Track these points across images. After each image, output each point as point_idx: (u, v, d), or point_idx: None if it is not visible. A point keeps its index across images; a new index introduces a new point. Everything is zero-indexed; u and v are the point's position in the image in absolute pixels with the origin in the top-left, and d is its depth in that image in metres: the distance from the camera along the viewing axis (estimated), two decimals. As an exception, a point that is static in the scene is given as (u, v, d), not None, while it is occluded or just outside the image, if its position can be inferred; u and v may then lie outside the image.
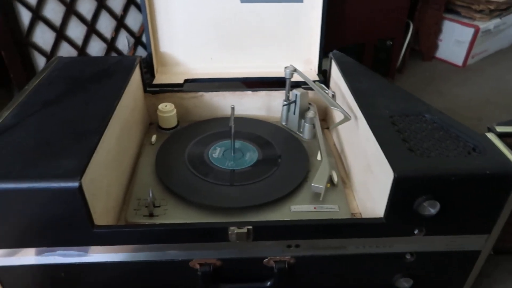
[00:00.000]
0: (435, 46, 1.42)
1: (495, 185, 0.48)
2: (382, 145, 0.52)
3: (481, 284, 0.65)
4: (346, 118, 0.64)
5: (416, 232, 0.52)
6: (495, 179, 0.48)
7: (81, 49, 1.12)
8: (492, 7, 1.33)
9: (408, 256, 0.55)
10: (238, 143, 0.72)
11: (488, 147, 0.52)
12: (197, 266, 0.53)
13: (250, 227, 0.49)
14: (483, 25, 1.32)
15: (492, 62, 1.41)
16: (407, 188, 0.48)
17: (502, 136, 0.54)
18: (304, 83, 0.79)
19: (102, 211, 0.54)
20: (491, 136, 0.54)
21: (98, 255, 0.52)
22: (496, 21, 1.36)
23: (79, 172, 0.46)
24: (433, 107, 0.61)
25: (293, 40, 0.87)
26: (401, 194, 0.48)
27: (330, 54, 0.79)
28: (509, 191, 0.49)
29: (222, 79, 0.85)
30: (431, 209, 0.48)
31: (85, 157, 0.49)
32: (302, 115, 0.77)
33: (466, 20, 1.35)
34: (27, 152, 0.49)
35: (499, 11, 1.37)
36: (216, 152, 0.70)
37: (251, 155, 0.70)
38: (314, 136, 0.77)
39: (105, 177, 0.56)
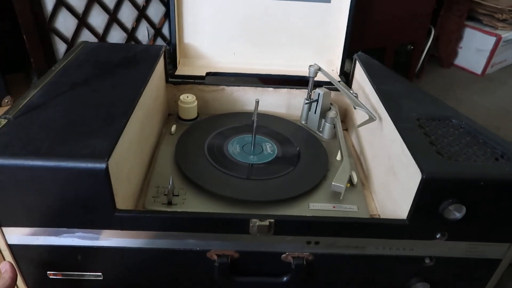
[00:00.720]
0: (454, 53, 1.41)
1: (523, 193, 0.48)
2: (409, 147, 0.51)
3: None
4: (371, 119, 0.63)
5: (438, 236, 0.51)
6: (524, 187, 0.47)
7: (102, 37, 1.12)
8: (515, 18, 1.32)
9: (427, 260, 0.54)
10: (257, 138, 0.72)
11: (516, 154, 0.51)
12: (215, 257, 0.53)
13: (272, 220, 0.49)
14: (505, 34, 1.31)
15: (512, 73, 1.40)
16: (434, 190, 0.47)
17: (530, 144, 0.54)
18: (326, 83, 0.78)
19: (123, 196, 0.54)
20: (519, 144, 0.53)
21: (117, 239, 0.52)
22: (519, 32, 1.35)
23: (106, 153, 0.46)
24: (460, 113, 0.60)
25: (317, 40, 0.87)
26: (427, 196, 0.48)
27: (355, 56, 0.79)
28: (537, 200, 0.48)
29: (244, 74, 0.85)
30: (456, 213, 0.48)
31: (113, 139, 0.49)
32: (323, 114, 0.76)
33: (487, 29, 1.33)
34: (55, 130, 0.49)
35: (522, 22, 1.36)
36: (235, 146, 0.70)
37: (271, 151, 0.70)
38: (333, 136, 0.77)
39: (127, 162, 0.56)
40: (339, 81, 0.74)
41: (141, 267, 0.56)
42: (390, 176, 0.58)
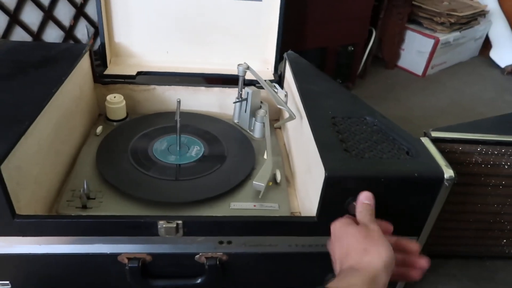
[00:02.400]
0: (397, 55, 1.45)
1: (424, 188, 0.49)
2: (319, 144, 0.52)
3: (415, 285, 0.66)
4: (291, 117, 0.64)
5: (348, 232, 0.52)
6: (423, 182, 0.49)
7: (37, 35, 1.08)
8: (452, 20, 1.37)
9: (341, 256, 0.55)
10: (185, 138, 0.71)
11: (421, 151, 0.53)
12: (126, 261, 0.52)
13: (180, 221, 0.48)
14: (443, 37, 1.37)
15: (451, 73, 1.45)
16: (338, 187, 0.48)
17: (436, 141, 0.56)
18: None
19: (29, 201, 0.52)
20: (425, 140, 0.55)
21: (21, 246, 0.50)
22: (456, 34, 1.40)
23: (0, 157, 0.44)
24: (377, 111, 0.61)
25: (251, 39, 0.87)
26: (332, 193, 0.48)
27: (285, 55, 0.79)
28: (436, 195, 0.50)
29: (176, 73, 0.84)
30: (360, 209, 0.48)
31: (9, 143, 0.46)
32: (254, 113, 0.76)
33: (427, 32, 1.38)
34: None
35: (459, 25, 1.42)
36: (161, 146, 0.69)
37: (197, 151, 0.69)
38: (264, 134, 0.77)
39: (36, 165, 0.54)
40: (269, 80, 0.74)
41: (50, 274, 0.54)
42: (307, 174, 0.59)
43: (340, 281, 0.38)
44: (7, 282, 0.54)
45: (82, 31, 1.14)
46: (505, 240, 0.70)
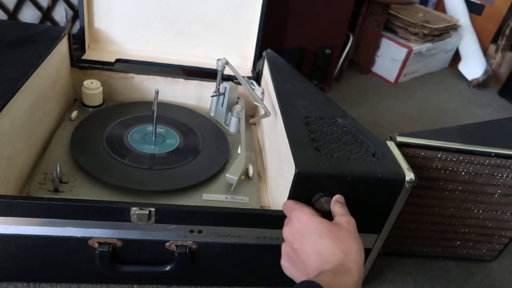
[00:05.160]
0: (372, 61, 1.50)
1: (386, 189, 0.53)
2: (291, 142, 0.54)
3: (373, 281, 0.69)
4: (266, 114, 0.66)
5: (313, 227, 0.54)
6: (386, 183, 0.52)
7: (12, 15, 1.05)
8: (426, 32, 1.43)
9: (305, 250, 0.58)
10: (161, 129, 0.72)
11: (386, 154, 0.56)
12: (96, 245, 0.52)
13: (153, 209, 0.49)
14: (416, 47, 1.42)
15: (421, 82, 1.52)
16: (306, 183, 0.50)
17: (401, 145, 0.59)
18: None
19: (0, 181, 0.51)
20: (390, 144, 0.58)
21: (-11, 226, 0.50)
22: (428, 45, 1.46)
23: (-29, 135, 0.43)
24: (348, 114, 0.64)
25: (232, 34, 0.88)
26: (301, 188, 0.51)
27: (264, 53, 0.81)
28: (397, 195, 0.53)
29: (156, 63, 0.84)
30: (326, 205, 0.51)
31: (-17, 121, 0.46)
32: (230, 108, 0.78)
33: (402, 41, 1.44)
34: None
35: (432, 37, 1.48)
36: (136, 135, 0.69)
37: (172, 141, 0.70)
38: (239, 129, 0.79)
39: (8, 145, 0.53)
40: (247, 77, 0.76)
41: (19, 255, 0.53)
42: (279, 170, 0.61)
43: (334, 277, 0.38)
44: (-28, 261, 0.53)
45: (61, 13, 1.12)
46: (458, 242, 0.75)
